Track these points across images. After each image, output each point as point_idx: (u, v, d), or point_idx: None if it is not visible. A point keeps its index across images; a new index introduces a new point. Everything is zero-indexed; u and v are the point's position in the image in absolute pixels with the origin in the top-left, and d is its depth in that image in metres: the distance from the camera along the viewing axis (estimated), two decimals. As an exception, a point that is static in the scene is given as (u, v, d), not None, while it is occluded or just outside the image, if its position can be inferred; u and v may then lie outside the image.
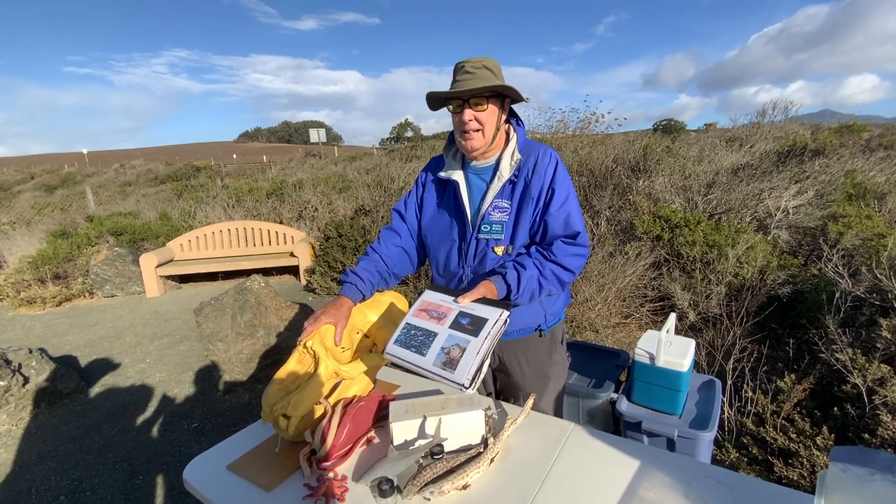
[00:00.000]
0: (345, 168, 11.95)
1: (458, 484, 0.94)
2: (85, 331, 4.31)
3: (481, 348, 1.01)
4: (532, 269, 1.21)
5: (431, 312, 1.15)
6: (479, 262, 1.32)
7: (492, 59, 1.25)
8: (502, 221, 1.29)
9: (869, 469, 0.72)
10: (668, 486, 0.94)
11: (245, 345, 3.01)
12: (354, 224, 5.14)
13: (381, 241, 1.42)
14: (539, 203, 1.27)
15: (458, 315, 1.12)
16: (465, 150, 1.31)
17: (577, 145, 6.37)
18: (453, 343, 1.05)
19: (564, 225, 1.25)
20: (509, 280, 1.18)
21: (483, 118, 1.24)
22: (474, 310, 1.12)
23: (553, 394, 1.47)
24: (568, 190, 1.28)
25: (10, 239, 6.83)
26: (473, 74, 1.22)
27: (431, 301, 1.19)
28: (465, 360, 1.00)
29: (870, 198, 4.56)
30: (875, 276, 2.56)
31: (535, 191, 1.26)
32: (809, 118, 11.59)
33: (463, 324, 1.09)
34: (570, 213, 1.26)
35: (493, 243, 1.29)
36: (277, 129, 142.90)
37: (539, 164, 1.27)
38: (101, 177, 19.75)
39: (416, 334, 1.11)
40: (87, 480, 2.29)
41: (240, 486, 1.01)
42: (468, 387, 0.97)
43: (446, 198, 1.39)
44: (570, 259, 1.25)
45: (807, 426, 1.81)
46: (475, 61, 1.23)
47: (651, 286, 3.63)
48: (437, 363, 1.03)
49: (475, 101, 1.22)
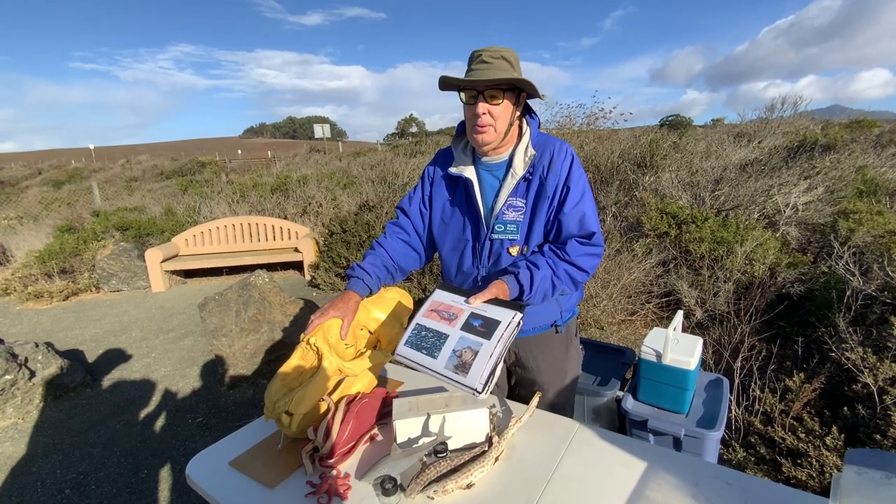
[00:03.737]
0: (349, 164, 11.95)
1: (461, 483, 0.92)
2: (91, 325, 4.34)
3: (494, 351, 0.99)
4: (545, 268, 1.18)
5: (442, 313, 1.12)
6: (493, 262, 1.29)
7: (510, 49, 1.19)
8: (517, 221, 1.25)
9: (886, 472, 0.69)
10: (675, 487, 0.92)
11: (249, 340, 3.02)
12: (358, 220, 5.13)
13: (387, 236, 1.40)
14: (554, 202, 1.23)
15: (469, 316, 1.09)
16: (476, 143, 1.25)
17: (583, 141, 6.32)
18: (465, 346, 1.03)
19: (579, 225, 1.22)
20: (522, 280, 1.15)
21: (497, 112, 1.18)
22: (486, 311, 1.09)
23: (570, 388, 1.47)
24: (584, 188, 1.23)
25: (18, 234, 6.88)
26: (490, 65, 1.15)
27: (442, 301, 1.16)
28: (478, 364, 0.98)
29: (881, 194, 4.49)
30: (887, 274, 2.52)
31: (550, 189, 1.22)
32: (819, 113, 11.44)
33: (475, 325, 1.06)
34: (585, 212, 1.22)
35: (508, 244, 1.26)
36: (282, 125, 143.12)
37: (555, 160, 1.22)
38: (107, 172, 19.86)
39: (427, 336, 1.09)
40: (93, 474, 2.30)
41: (242, 482, 1.01)
42: (481, 392, 0.95)
43: (457, 196, 1.34)
44: (584, 259, 1.21)
45: (816, 426, 1.79)
46: (493, 50, 1.16)
47: (657, 283, 3.60)
48: (448, 366, 1.01)
49: (490, 94, 1.16)
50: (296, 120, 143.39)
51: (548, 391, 1.40)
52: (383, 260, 1.35)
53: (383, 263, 1.34)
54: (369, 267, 1.31)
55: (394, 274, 1.37)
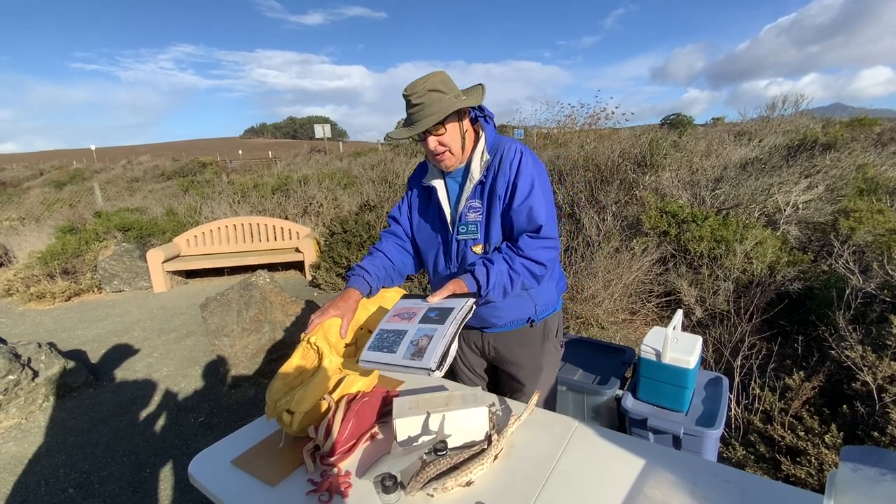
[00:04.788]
0: (350, 164, 11.96)
1: (461, 480, 0.93)
2: (93, 325, 4.36)
3: (447, 331, 1.03)
4: (500, 263, 1.23)
5: (403, 315, 1.18)
6: (461, 261, 1.36)
7: (437, 74, 1.23)
8: (476, 221, 1.32)
9: (880, 469, 0.70)
10: (673, 485, 0.93)
11: (250, 340, 3.03)
12: (359, 220, 5.14)
13: (384, 241, 1.47)
14: (504, 200, 1.29)
15: (427, 311, 1.15)
16: (441, 169, 1.34)
17: (584, 140, 6.31)
18: (422, 335, 1.07)
19: (528, 219, 1.26)
20: (478, 276, 1.21)
21: (446, 139, 1.26)
22: (443, 304, 1.15)
23: (546, 384, 1.49)
24: (531, 183, 1.27)
25: (20, 235, 6.90)
26: (421, 105, 1.21)
27: (404, 306, 1.23)
28: (431, 347, 1.02)
29: (882, 192, 4.49)
30: (887, 273, 2.52)
31: (500, 189, 1.28)
32: (820, 112, 11.43)
33: (431, 317, 1.12)
34: (532, 206, 1.26)
35: (472, 243, 1.34)
36: (282, 125, 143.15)
37: (504, 161, 1.29)
38: (108, 173, 19.89)
39: (388, 336, 1.14)
40: (96, 473, 2.31)
41: (244, 480, 1.02)
42: (435, 370, 0.98)
43: (431, 204, 1.43)
44: (539, 252, 1.25)
45: (815, 424, 1.79)
46: (419, 90, 1.20)
47: (657, 282, 3.60)
48: (406, 356, 1.05)
49: (433, 129, 1.23)
50: (296, 120, 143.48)
51: (525, 385, 1.45)
52: (382, 262, 1.40)
53: (383, 265, 1.39)
54: (370, 266, 1.35)
55: (392, 276, 1.42)
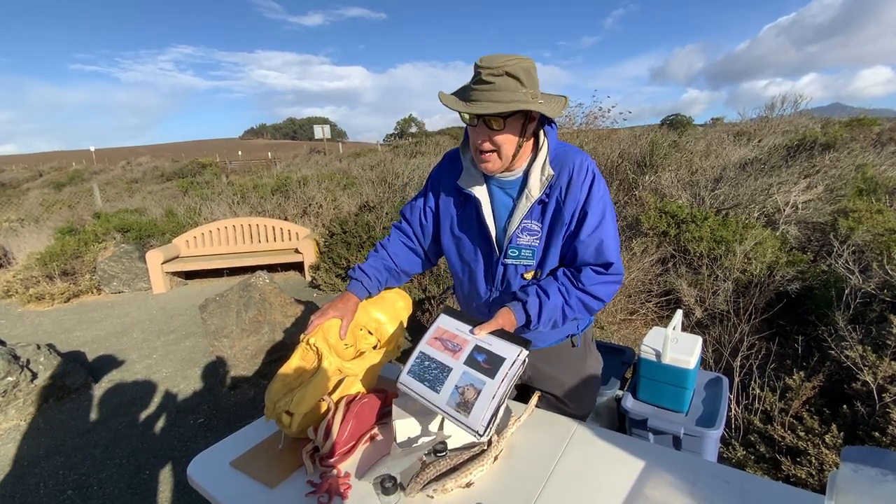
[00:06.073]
0: (349, 164, 11.96)
1: (461, 482, 0.93)
2: (92, 327, 4.35)
3: (497, 392, 0.96)
4: (556, 296, 1.11)
5: (446, 343, 1.09)
6: (506, 286, 1.23)
7: (521, 58, 1.00)
8: (532, 246, 1.16)
9: (881, 469, 0.70)
10: (673, 486, 0.93)
11: (250, 341, 3.02)
12: (359, 220, 5.13)
13: (390, 239, 1.39)
14: (571, 226, 1.14)
15: (473, 349, 1.04)
16: (481, 169, 1.15)
17: (583, 140, 6.32)
18: (468, 382, 1.00)
19: (596, 253, 1.13)
20: (530, 310, 1.09)
21: (500, 140, 1.06)
22: (491, 345, 1.04)
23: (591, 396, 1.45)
24: (603, 212, 1.13)
25: (19, 236, 6.89)
26: (492, 85, 0.99)
27: (447, 329, 1.11)
28: (480, 405, 0.96)
29: (881, 192, 4.49)
30: (886, 272, 2.52)
31: (567, 214, 1.12)
32: (820, 112, 11.45)
33: (479, 361, 1.02)
34: (602, 239, 1.12)
35: (523, 269, 1.19)
36: (282, 126, 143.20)
37: (573, 182, 1.12)
38: (108, 174, 19.88)
39: (430, 367, 1.06)
40: (95, 475, 2.31)
41: (243, 482, 1.01)
42: (482, 434, 0.94)
43: (467, 214, 1.24)
44: (600, 287, 1.13)
45: (815, 424, 1.79)
46: (496, 66, 0.98)
47: (657, 282, 3.60)
48: (451, 403, 0.99)
49: (491, 120, 1.04)
50: (296, 121, 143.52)
51: (569, 402, 1.38)
52: (385, 262, 1.35)
53: (385, 266, 1.34)
54: (369, 269, 1.31)
55: (396, 276, 1.37)
